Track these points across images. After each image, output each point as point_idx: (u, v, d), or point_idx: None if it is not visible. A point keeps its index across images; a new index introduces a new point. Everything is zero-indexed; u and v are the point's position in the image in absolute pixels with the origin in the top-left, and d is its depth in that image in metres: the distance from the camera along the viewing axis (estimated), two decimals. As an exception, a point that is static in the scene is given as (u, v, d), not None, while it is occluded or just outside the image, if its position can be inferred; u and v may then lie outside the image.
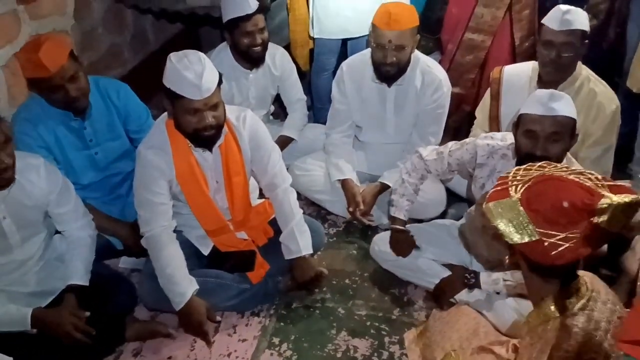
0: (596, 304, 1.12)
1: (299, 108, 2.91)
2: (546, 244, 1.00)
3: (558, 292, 1.13)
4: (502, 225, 1.05)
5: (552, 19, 2.11)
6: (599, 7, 2.68)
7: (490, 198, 1.09)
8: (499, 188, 1.10)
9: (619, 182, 1.05)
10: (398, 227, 2.18)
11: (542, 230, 1.01)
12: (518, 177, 1.10)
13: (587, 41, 2.12)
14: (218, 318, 2.03)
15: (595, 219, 0.96)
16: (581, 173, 1.07)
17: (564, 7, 2.10)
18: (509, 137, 1.90)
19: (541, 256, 1.03)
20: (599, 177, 1.05)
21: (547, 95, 1.71)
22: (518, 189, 1.06)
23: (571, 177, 1.05)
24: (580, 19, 2.09)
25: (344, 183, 2.50)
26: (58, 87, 1.92)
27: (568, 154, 1.82)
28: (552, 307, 1.13)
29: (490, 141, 1.96)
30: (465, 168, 2.07)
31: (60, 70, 1.90)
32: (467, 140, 2.05)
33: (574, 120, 1.71)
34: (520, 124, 1.76)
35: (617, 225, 0.96)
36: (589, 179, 1.05)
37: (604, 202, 0.96)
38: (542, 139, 1.70)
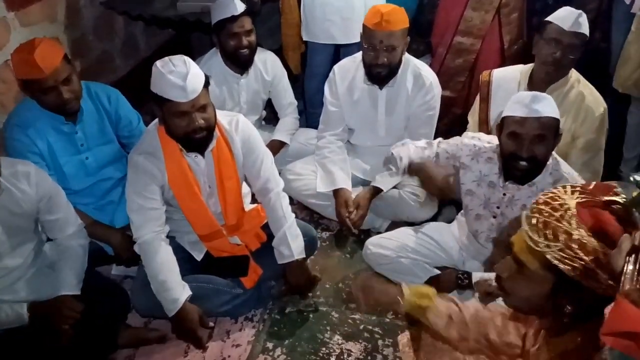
0: None
1: (290, 112, 2.91)
2: None
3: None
4: None
5: (562, 19, 2.10)
6: (586, 8, 2.71)
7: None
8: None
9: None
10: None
11: None
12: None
13: (583, 48, 2.14)
14: (211, 324, 2.02)
15: None
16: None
17: (573, 9, 2.10)
18: (496, 140, 1.91)
19: None
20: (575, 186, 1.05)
21: (529, 97, 1.73)
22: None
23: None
24: (586, 25, 2.11)
25: (336, 191, 2.48)
26: (51, 88, 1.92)
27: (555, 154, 1.83)
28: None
29: (477, 142, 1.98)
30: (452, 163, 2.05)
31: (54, 72, 1.90)
32: (455, 137, 2.09)
33: (557, 120, 1.73)
34: (504, 126, 1.78)
35: None
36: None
37: None
38: (527, 141, 1.72)
